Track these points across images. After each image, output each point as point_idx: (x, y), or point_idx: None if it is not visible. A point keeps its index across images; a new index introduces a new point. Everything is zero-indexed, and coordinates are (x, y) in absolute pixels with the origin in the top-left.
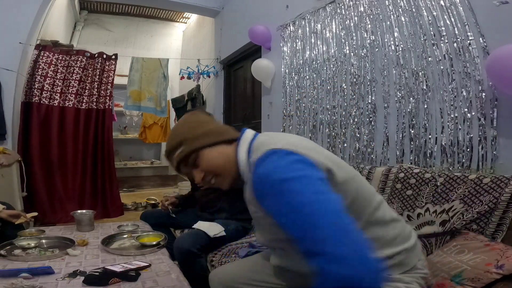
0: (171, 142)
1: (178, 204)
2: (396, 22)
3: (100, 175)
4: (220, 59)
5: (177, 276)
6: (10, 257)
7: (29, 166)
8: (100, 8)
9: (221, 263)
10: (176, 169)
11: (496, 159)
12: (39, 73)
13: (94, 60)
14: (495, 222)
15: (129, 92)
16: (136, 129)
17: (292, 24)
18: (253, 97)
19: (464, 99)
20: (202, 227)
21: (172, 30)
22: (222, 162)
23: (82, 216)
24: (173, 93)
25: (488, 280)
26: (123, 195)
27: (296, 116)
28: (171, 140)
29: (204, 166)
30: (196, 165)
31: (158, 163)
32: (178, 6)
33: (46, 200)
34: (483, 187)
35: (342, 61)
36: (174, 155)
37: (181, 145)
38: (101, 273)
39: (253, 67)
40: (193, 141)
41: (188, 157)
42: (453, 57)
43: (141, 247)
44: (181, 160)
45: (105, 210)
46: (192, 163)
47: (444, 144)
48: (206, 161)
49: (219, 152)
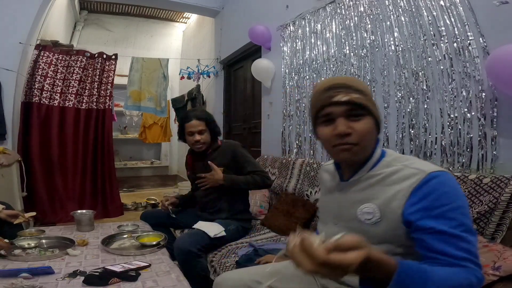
0: (357, 83)
1: (178, 204)
2: (396, 22)
3: (100, 175)
4: (220, 59)
5: (177, 276)
6: (10, 257)
7: (29, 166)
8: (100, 8)
9: (221, 263)
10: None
11: (496, 159)
12: (39, 73)
13: (94, 60)
14: (495, 222)
15: (129, 92)
16: (136, 129)
17: (292, 24)
18: (253, 97)
19: (464, 99)
20: (202, 227)
21: (172, 30)
22: (370, 137)
23: (82, 216)
24: (173, 93)
25: (485, 281)
26: (123, 195)
27: (296, 116)
28: (358, 82)
29: (360, 125)
30: (353, 116)
31: (158, 163)
32: (178, 6)
33: (46, 200)
34: (483, 187)
35: (342, 61)
36: (351, 92)
37: (365, 93)
38: (101, 273)
39: (253, 67)
40: (371, 101)
41: (357, 106)
42: (453, 57)
43: (141, 247)
44: (353, 102)
45: (105, 210)
46: (351, 114)
47: (444, 144)
48: (365, 124)
49: (372, 128)
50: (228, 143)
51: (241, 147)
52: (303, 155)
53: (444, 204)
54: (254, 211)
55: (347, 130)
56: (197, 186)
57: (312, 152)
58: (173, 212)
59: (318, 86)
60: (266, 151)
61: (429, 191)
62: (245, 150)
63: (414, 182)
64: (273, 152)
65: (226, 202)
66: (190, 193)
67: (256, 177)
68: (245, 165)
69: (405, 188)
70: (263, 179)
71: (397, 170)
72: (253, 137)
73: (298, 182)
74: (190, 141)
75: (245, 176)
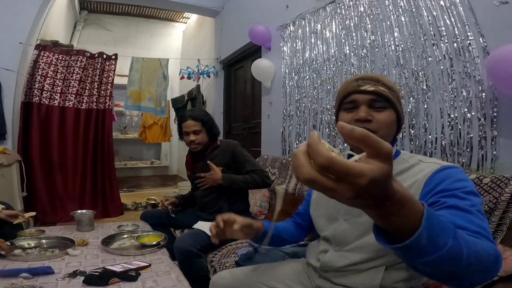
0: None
1: (178, 204)
2: (396, 22)
3: (100, 175)
4: (220, 59)
5: (177, 276)
6: (10, 257)
7: (29, 166)
8: (100, 8)
9: (221, 263)
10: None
11: (496, 159)
12: (39, 73)
13: (94, 60)
14: (495, 222)
15: (129, 92)
16: (136, 129)
17: (292, 24)
18: (253, 97)
19: (464, 99)
20: (202, 227)
21: (172, 30)
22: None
23: (82, 216)
24: (173, 93)
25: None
26: (123, 195)
27: (296, 116)
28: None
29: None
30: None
31: (158, 163)
32: (178, 6)
33: (46, 200)
34: (483, 187)
35: (342, 61)
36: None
37: (392, 90)
38: (101, 273)
39: (253, 67)
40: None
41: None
42: (453, 57)
43: (141, 247)
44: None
45: (105, 210)
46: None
47: (444, 144)
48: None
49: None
50: (227, 143)
51: (240, 146)
52: None
53: (458, 188)
54: (254, 211)
55: (368, 116)
56: (196, 186)
57: None
58: (173, 212)
59: (350, 78)
60: (266, 151)
61: (443, 178)
62: (244, 149)
63: (429, 172)
64: (273, 152)
65: (226, 202)
66: (190, 193)
67: (255, 176)
68: (245, 164)
69: (420, 178)
70: (263, 178)
71: (412, 165)
72: (253, 137)
73: (298, 182)
74: (186, 141)
75: (244, 175)
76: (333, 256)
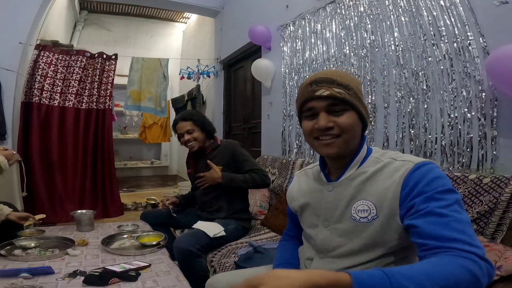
0: (342, 76)
1: (178, 203)
2: (396, 22)
3: (100, 175)
4: (220, 59)
5: (177, 276)
6: (10, 257)
7: (29, 166)
8: (100, 8)
9: (221, 263)
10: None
11: (496, 159)
12: (39, 73)
13: (94, 60)
14: (495, 222)
15: (129, 92)
16: (136, 129)
17: (292, 24)
18: (253, 97)
19: (464, 99)
20: (202, 227)
21: (172, 30)
22: (353, 131)
23: (82, 216)
24: (173, 93)
25: None
26: (123, 195)
27: (296, 116)
28: (344, 76)
29: (341, 120)
30: (335, 112)
31: (158, 163)
32: (178, 6)
33: (46, 200)
34: (483, 187)
35: (342, 61)
36: (334, 86)
37: (348, 88)
38: (101, 273)
39: (253, 67)
40: (356, 96)
41: (339, 101)
42: (453, 57)
43: (141, 247)
44: (334, 97)
45: (105, 210)
46: (336, 110)
47: (444, 144)
48: (346, 119)
49: (354, 122)
50: (228, 143)
51: (241, 146)
52: (303, 155)
53: (433, 189)
54: (254, 211)
55: (328, 124)
56: (196, 186)
57: (312, 152)
58: (174, 211)
59: (304, 81)
60: (266, 151)
61: (419, 178)
62: (244, 149)
63: (405, 171)
64: (273, 152)
65: (225, 201)
66: (190, 193)
67: (255, 175)
68: (244, 164)
69: (397, 179)
70: (262, 177)
71: (385, 165)
72: (253, 137)
73: None
74: (182, 143)
75: (244, 174)
76: (319, 264)
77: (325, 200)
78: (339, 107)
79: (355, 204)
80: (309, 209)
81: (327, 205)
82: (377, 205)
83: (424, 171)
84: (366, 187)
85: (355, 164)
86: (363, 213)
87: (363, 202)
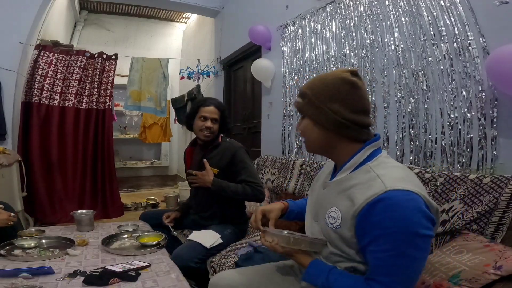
0: (309, 84)
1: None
2: (396, 22)
3: (100, 175)
4: (220, 59)
5: (177, 276)
6: (10, 257)
7: (29, 166)
8: (100, 8)
9: (221, 263)
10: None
11: (496, 159)
12: (39, 73)
13: (94, 60)
14: (495, 222)
15: (129, 92)
16: (136, 129)
17: (292, 24)
18: (253, 97)
19: (464, 99)
20: (198, 237)
21: (172, 30)
22: (310, 137)
23: (82, 216)
24: (173, 93)
25: (486, 281)
26: (123, 195)
27: (296, 116)
28: (311, 83)
29: (301, 127)
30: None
31: (158, 163)
32: (178, 6)
33: (46, 200)
34: (483, 187)
35: (342, 61)
36: (298, 97)
37: (305, 96)
38: (101, 273)
39: (253, 67)
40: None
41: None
42: (453, 57)
43: (141, 247)
44: (296, 107)
45: (105, 210)
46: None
47: (444, 144)
48: (303, 125)
49: (308, 129)
50: (230, 144)
51: (243, 151)
52: (303, 155)
53: (380, 236)
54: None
55: (297, 129)
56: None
57: None
58: (175, 230)
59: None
60: (266, 151)
61: (374, 221)
62: (247, 155)
63: (369, 198)
64: (273, 152)
65: (219, 208)
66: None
67: (248, 188)
68: (241, 172)
69: (362, 202)
70: (255, 192)
71: (370, 179)
72: (253, 137)
73: (298, 182)
74: (199, 126)
75: (236, 184)
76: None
77: (318, 195)
78: (300, 114)
79: (331, 208)
80: (310, 198)
81: (318, 201)
82: (342, 217)
83: (379, 210)
84: (344, 195)
85: (347, 168)
86: (332, 219)
87: (335, 210)
